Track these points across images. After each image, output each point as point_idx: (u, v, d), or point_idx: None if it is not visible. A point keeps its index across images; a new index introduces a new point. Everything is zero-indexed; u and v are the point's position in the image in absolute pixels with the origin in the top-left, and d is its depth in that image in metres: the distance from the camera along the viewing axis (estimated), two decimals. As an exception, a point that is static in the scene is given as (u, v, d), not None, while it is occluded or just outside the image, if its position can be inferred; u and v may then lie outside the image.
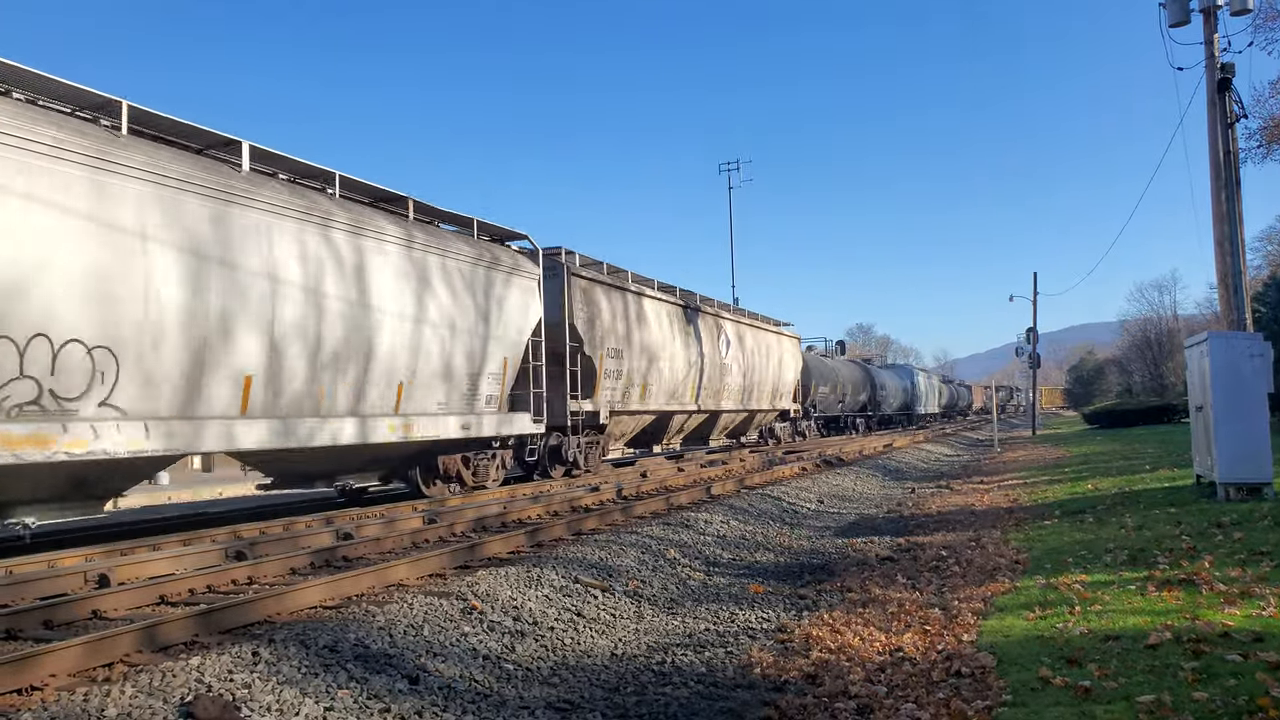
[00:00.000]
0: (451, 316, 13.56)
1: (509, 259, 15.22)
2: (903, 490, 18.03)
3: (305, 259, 10.98)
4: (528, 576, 7.63)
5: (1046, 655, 5.33)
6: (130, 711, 4.30)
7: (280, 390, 10.65)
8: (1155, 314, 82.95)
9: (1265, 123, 28.77)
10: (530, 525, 10.73)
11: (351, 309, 11.63)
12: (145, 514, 13.68)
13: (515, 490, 15.10)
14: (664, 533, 10.42)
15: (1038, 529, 10.82)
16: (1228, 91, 15.53)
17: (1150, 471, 16.31)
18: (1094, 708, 4.36)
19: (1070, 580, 7.36)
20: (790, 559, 10.06)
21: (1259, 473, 10.77)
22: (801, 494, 15.50)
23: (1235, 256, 15.38)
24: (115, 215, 8.79)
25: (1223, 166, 15.40)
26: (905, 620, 6.65)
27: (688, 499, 13.53)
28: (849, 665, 5.60)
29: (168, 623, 5.67)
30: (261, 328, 10.35)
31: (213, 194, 9.85)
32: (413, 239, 12.93)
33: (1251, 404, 10.88)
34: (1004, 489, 16.54)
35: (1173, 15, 16.37)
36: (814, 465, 20.83)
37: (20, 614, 6.11)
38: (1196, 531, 9.08)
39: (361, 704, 4.81)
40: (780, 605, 7.61)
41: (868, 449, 27.30)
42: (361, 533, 10.20)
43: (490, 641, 6.16)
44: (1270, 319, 26.09)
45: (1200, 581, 6.79)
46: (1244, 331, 14.36)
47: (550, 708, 5.04)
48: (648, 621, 7.20)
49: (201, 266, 9.63)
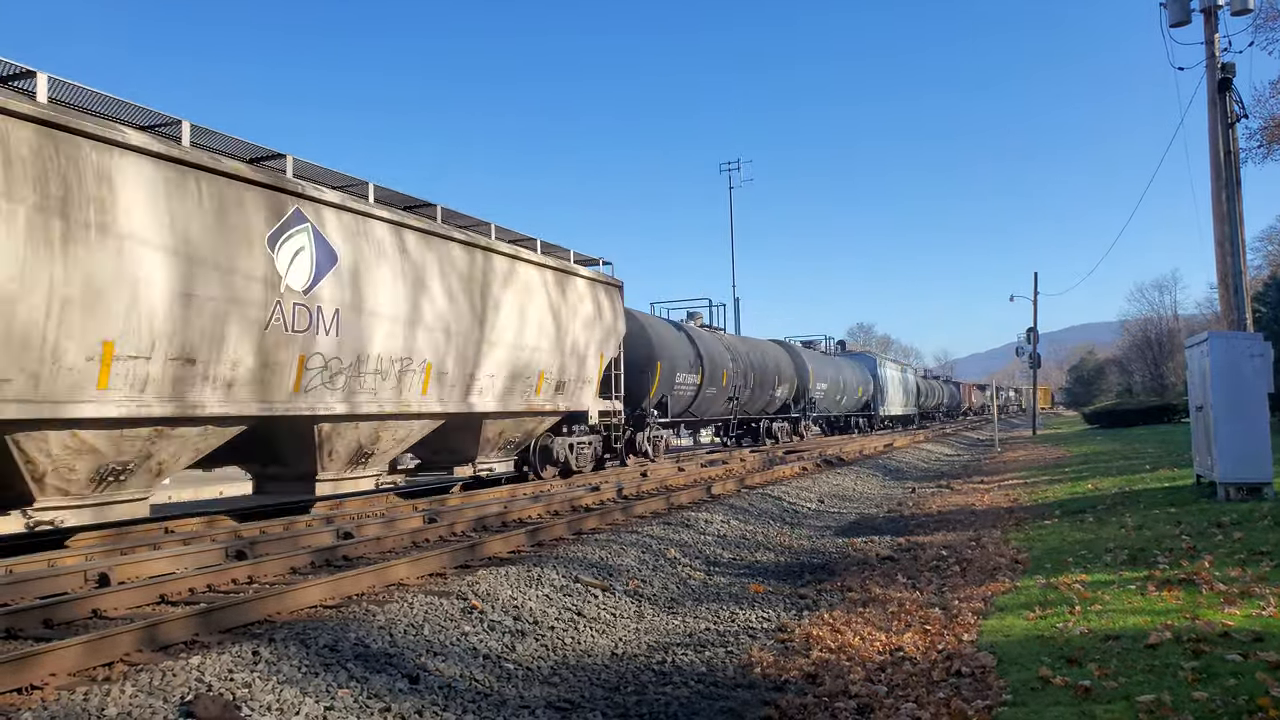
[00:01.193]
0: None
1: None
2: (903, 490, 18.03)
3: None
4: (528, 576, 7.63)
5: (1047, 655, 5.33)
6: (130, 711, 4.30)
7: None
8: (1156, 314, 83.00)
9: (1266, 123, 28.80)
10: (530, 525, 10.73)
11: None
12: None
13: (515, 490, 15.11)
14: (664, 532, 10.42)
15: (1038, 529, 10.82)
16: (1228, 91, 15.54)
17: (1150, 471, 16.31)
18: (1094, 707, 4.36)
19: (1070, 580, 7.36)
20: (791, 558, 10.06)
21: (1259, 472, 10.77)
22: (802, 494, 15.51)
23: (1235, 256, 15.38)
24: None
25: (1223, 166, 15.40)
26: (905, 620, 6.65)
27: (688, 498, 13.53)
28: (849, 665, 5.60)
29: (168, 622, 5.66)
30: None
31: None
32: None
33: (1252, 404, 10.89)
34: (1004, 489, 16.54)
35: (1173, 15, 16.37)
36: (814, 465, 20.83)
37: (20, 613, 6.11)
38: (1196, 531, 9.08)
39: (362, 703, 4.81)
40: (781, 605, 7.61)
41: (868, 449, 27.32)
42: (362, 532, 10.20)
43: (491, 641, 6.16)
44: (1270, 319, 26.10)
45: (1200, 581, 6.79)
46: (1244, 331, 14.37)
47: (551, 707, 5.04)
48: (648, 621, 7.21)
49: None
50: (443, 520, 10.89)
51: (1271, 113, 28.93)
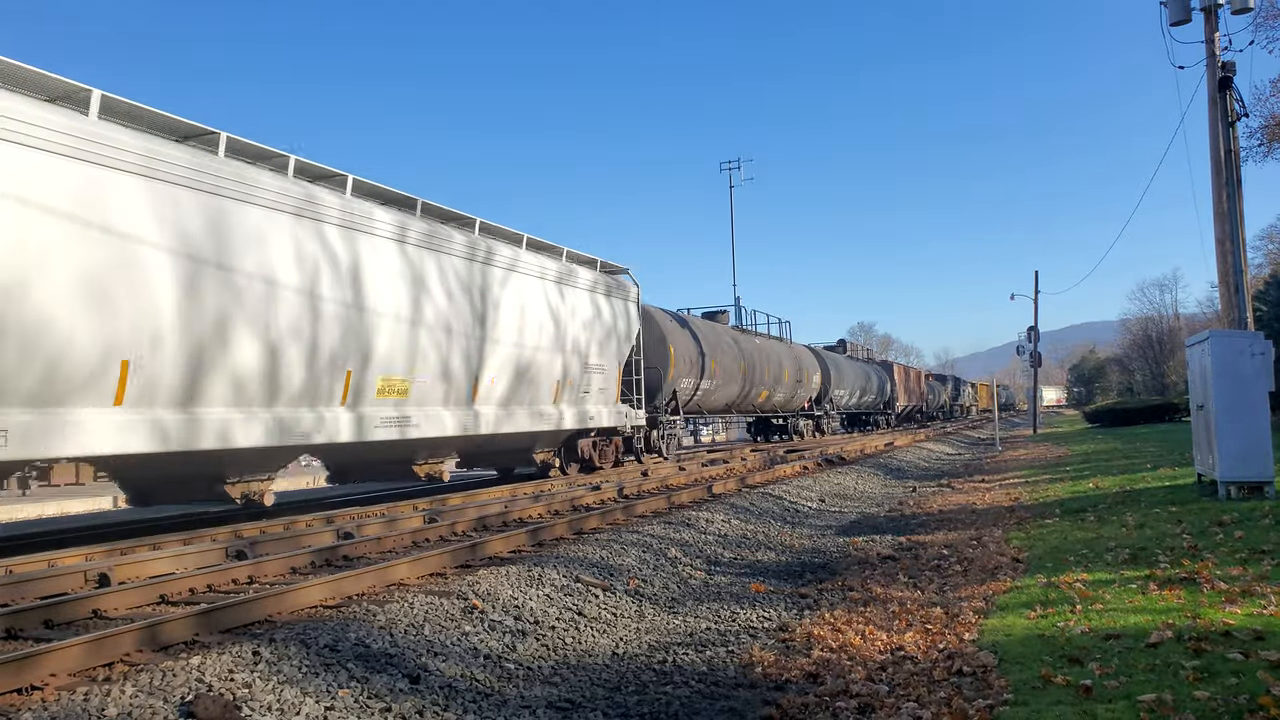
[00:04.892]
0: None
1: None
2: (904, 489, 18.02)
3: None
4: (529, 576, 7.63)
5: (1048, 654, 5.33)
6: (131, 711, 4.30)
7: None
8: (1156, 313, 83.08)
9: (1266, 121, 28.76)
10: (531, 524, 10.73)
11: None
12: (145, 514, 13.67)
13: (516, 489, 15.11)
14: (665, 531, 10.41)
15: (1039, 527, 10.81)
16: (1229, 90, 15.54)
17: (1151, 470, 16.29)
18: (1095, 706, 4.35)
19: (1071, 579, 7.35)
20: (792, 558, 10.06)
21: (1260, 471, 10.76)
22: (803, 493, 15.50)
23: (1236, 255, 15.38)
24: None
25: (1224, 165, 15.40)
26: (907, 619, 6.65)
27: (689, 498, 13.53)
28: (850, 664, 5.59)
29: (168, 622, 5.66)
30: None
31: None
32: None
33: (1252, 403, 10.87)
34: (1005, 488, 16.53)
35: (1174, 14, 16.36)
36: (815, 464, 20.83)
37: (20, 613, 6.10)
38: (1197, 530, 9.07)
39: (362, 703, 4.80)
40: (782, 604, 7.61)
41: (869, 448, 27.30)
42: (362, 532, 10.19)
43: (491, 641, 6.15)
44: (1271, 318, 26.08)
45: (1201, 580, 6.78)
46: (1245, 330, 14.36)
47: (551, 707, 5.04)
48: (649, 620, 7.20)
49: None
50: (443, 520, 10.88)
51: (1272, 111, 28.91)
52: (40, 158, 8.07)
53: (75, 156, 8.33)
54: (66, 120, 8.36)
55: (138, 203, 8.90)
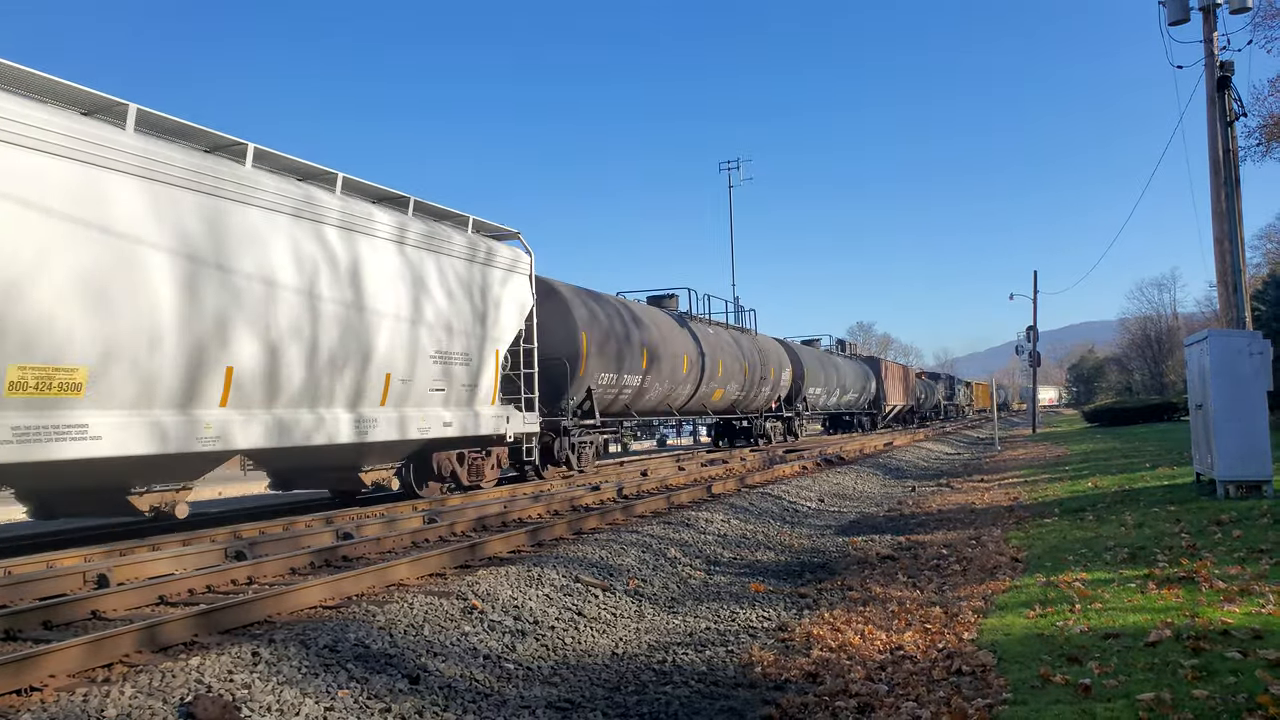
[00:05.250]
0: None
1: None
2: (903, 489, 18.03)
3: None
4: (528, 576, 7.63)
5: (1047, 653, 5.33)
6: (130, 712, 4.30)
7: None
8: (1155, 312, 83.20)
9: (1265, 121, 28.81)
10: (531, 524, 10.73)
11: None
12: (145, 515, 13.63)
13: (516, 490, 15.11)
14: (665, 532, 10.41)
15: (1038, 527, 10.82)
16: (1227, 89, 15.55)
17: (1150, 470, 16.30)
18: (1094, 705, 4.35)
19: (1070, 578, 7.36)
20: (791, 558, 10.06)
21: (1258, 470, 10.77)
22: (802, 492, 15.50)
23: (1235, 254, 15.40)
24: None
25: (1222, 164, 15.41)
26: (906, 618, 6.65)
27: (688, 498, 13.53)
28: (850, 664, 5.59)
29: (167, 623, 5.66)
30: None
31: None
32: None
33: (1251, 402, 10.88)
34: (1004, 487, 16.54)
35: (1172, 13, 16.39)
36: (814, 464, 20.84)
37: (19, 614, 6.10)
38: (1196, 529, 9.08)
39: (362, 704, 4.80)
40: (781, 604, 7.61)
41: (868, 447, 27.32)
42: (362, 532, 10.19)
43: (491, 641, 6.15)
44: (1270, 317, 26.08)
45: (1200, 579, 6.78)
46: (1243, 329, 14.37)
47: (551, 707, 5.04)
48: (648, 620, 7.21)
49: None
50: (443, 520, 10.88)
51: (1270, 111, 28.96)
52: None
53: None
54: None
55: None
